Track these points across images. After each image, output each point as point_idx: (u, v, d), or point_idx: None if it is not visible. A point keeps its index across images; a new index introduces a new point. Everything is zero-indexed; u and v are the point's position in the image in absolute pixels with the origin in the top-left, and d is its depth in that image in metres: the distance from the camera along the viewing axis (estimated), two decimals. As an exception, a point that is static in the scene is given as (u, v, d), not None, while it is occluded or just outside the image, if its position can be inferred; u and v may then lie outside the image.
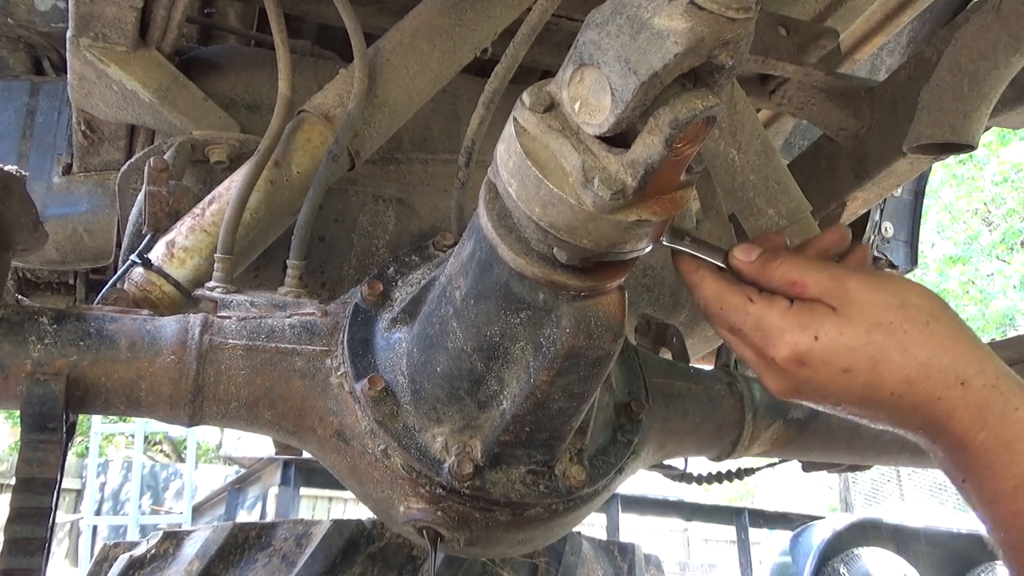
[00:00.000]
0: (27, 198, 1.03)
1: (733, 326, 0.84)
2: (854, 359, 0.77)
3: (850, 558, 6.46)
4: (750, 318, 0.82)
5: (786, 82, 1.77)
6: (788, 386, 0.83)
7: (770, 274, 0.83)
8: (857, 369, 0.77)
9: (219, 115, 1.51)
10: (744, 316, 0.82)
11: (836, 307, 0.78)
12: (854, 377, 0.77)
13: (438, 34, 1.49)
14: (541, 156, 0.75)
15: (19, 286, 2.44)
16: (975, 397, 0.75)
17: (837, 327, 0.77)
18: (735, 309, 0.83)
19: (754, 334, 0.82)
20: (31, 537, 0.99)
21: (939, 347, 0.76)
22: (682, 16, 0.65)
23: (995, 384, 0.75)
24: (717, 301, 0.85)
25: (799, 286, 0.81)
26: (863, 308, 0.77)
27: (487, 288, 0.89)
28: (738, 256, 0.85)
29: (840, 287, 0.79)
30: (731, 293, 0.84)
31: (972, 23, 1.60)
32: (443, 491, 1.00)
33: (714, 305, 0.85)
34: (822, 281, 0.80)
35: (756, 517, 9.20)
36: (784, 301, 0.81)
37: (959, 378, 0.75)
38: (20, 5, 1.89)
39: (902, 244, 2.48)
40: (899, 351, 0.76)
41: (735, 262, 0.85)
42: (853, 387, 0.78)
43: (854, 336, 0.77)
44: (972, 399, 0.75)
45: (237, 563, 1.76)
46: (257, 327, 1.08)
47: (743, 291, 0.84)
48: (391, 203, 1.69)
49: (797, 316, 0.79)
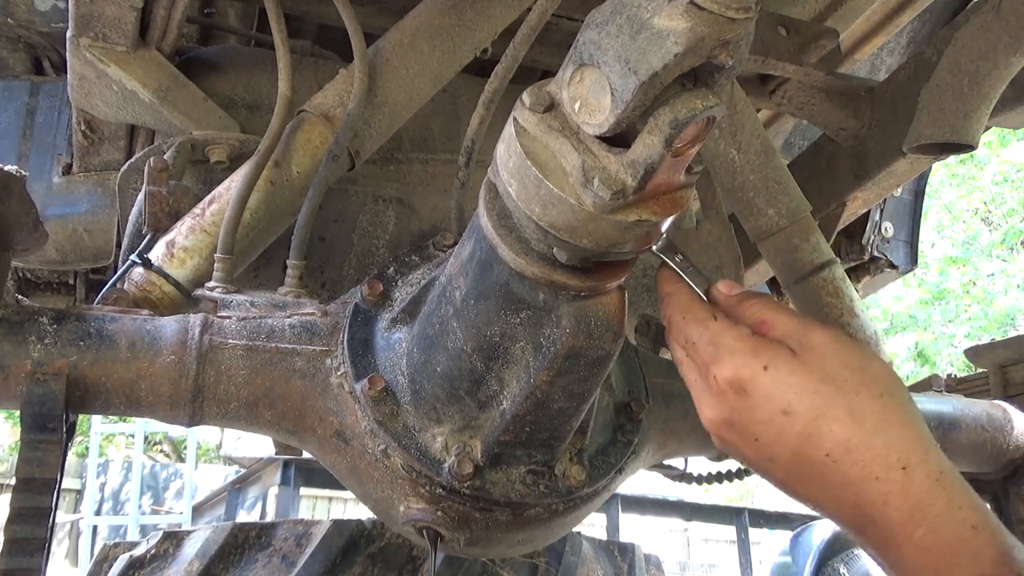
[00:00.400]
0: (27, 198, 1.03)
1: (689, 339, 0.82)
2: (798, 402, 0.73)
3: (850, 558, 6.45)
4: (707, 332, 0.80)
5: (786, 82, 1.77)
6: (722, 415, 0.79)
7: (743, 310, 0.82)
8: (797, 414, 0.73)
9: (219, 115, 1.51)
10: (703, 330, 0.81)
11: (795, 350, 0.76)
12: (792, 422, 0.73)
13: (438, 34, 1.49)
14: (541, 156, 0.75)
15: (19, 286, 2.44)
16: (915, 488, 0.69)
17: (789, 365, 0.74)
18: (697, 321, 0.82)
19: (705, 348, 0.79)
20: (31, 537, 0.99)
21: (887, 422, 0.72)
22: (682, 16, 0.65)
23: (938, 478, 0.70)
24: (683, 311, 0.84)
25: (766, 325, 0.79)
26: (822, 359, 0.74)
27: (487, 288, 0.89)
28: (720, 289, 0.86)
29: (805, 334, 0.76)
30: (699, 307, 0.84)
31: (972, 23, 1.60)
32: (443, 491, 1.00)
33: (678, 315, 0.84)
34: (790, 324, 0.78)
35: (756, 517, 9.19)
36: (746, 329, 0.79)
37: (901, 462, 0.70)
38: (20, 5, 1.89)
39: (902, 244, 2.48)
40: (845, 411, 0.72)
41: (714, 291, 0.86)
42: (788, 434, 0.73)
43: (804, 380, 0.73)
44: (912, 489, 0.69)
45: (237, 563, 1.76)
46: (257, 327, 1.08)
47: (710, 309, 0.83)
48: (391, 203, 1.69)
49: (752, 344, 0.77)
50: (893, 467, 0.69)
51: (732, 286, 0.85)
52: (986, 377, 1.94)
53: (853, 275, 2.46)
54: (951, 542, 0.67)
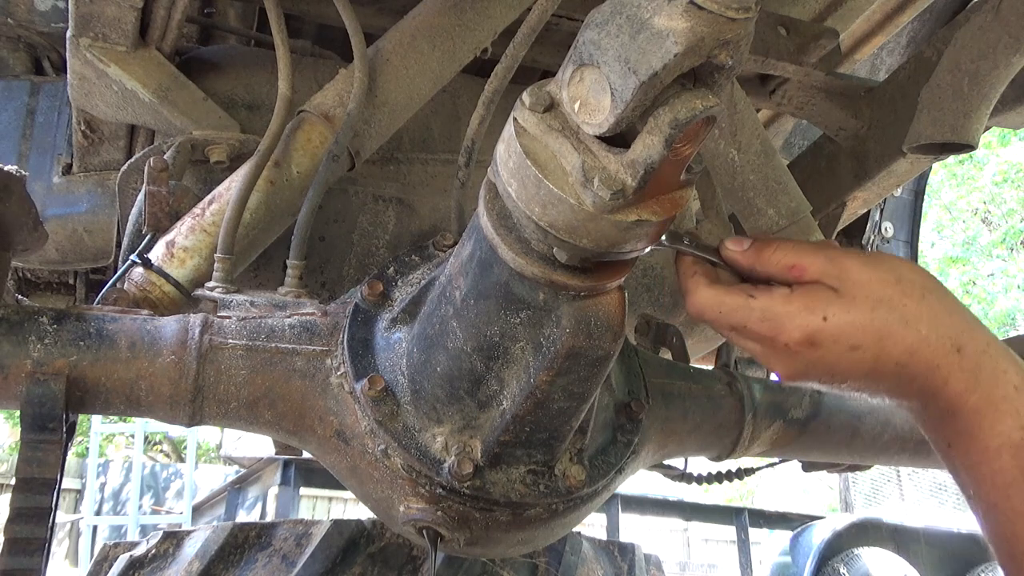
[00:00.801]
0: (27, 198, 1.03)
1: (735, 325, 0.85)
2: (862, 336, 0.80)
3: (850, 558, 6.46)
4: (754, 312, 0.83)
5: (786, 82, 1.77)
6: (798, 368, 0.84)
7: (766, 260, 0.85)
8: (865, 345, 0.80)
9: (219, 115, 1.51)
10: (748, 312, 0.84)
11: (837, 287, 0.81)
12: (863, 353, 0.80)
13: (438, 34, 1.49)
14: (541, 156, 0.75)
15: (19, 286, 2.44)
16: (968, 363, 0.79)
17: (843, 307, 0.80)
18: (736, 308, 0.85)
19: (761, 325, 0.83)
20: (31, 537, 0.99)
21: (935, 318, 0.80)
22: (682, 16, 0.65)
23: (985, 349, 0.79)
24: (715, 306, 0.86)
25: (797, 269, 0.83)
26: (863, 287, 0.80)
27: (487, 288, 0.89)
28: (730, 247, 0.87)
29: (838, 267, 0.81)
30: (728, 295, 0.85)
31: (972, 23, 1.60)
32: (443, 491, 1.00)
33: (712, 310, 0.87)
34: (819, 263, 0.82)
35: (756, 517, 9.19)
36: (784, 288, 0.83)
37: (955, 346, 0.79)
38: (20, 5, 1.89)
39: (902, 244, 2.48)
40: (901, 324, 0.80)
41: (728, 253, 0.88)
42: (862, 363, 0.81)
43: (860, 314, 0.80)
44: (966, 364, 0.79)
45: (237, 563, 1.76)
46: (257, 327, 1.08)
47: (741, 290, 0.85)
48: (391, 203, 1.69)
49: (802, 299, 0.81)
50: (949, 352, 0.79)
51: (740, 240, 0.87)
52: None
53: (853, 275, 2.45)
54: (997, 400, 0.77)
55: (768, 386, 1.41)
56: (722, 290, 0.86)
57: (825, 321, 0.80)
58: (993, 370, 0.79)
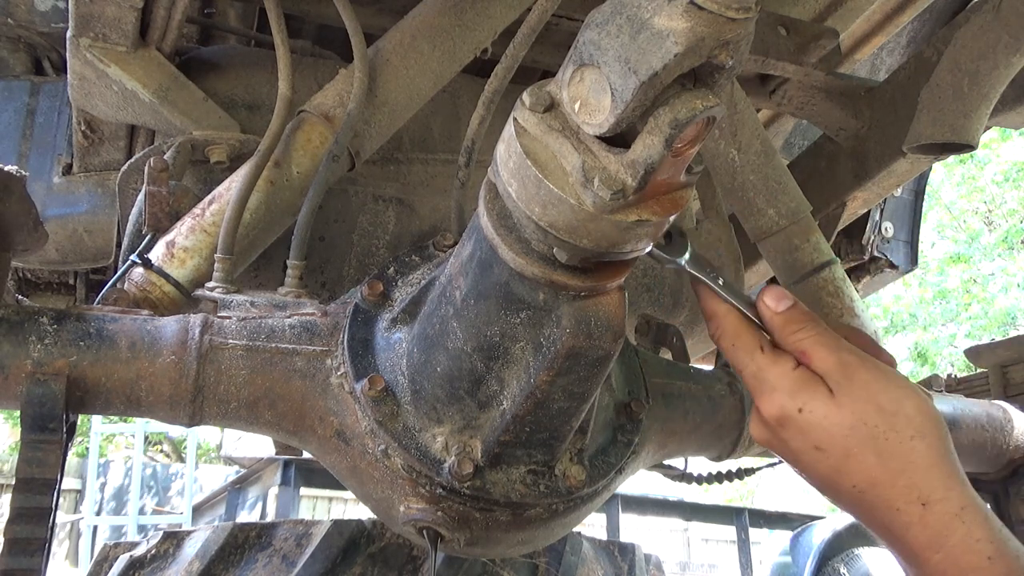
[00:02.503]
0: (27, 198, 1.03)
1: (736, 366, 0.88)
2: (829, 443, 0.81)
3: (850, 558, 6.45)
4: (752, 365, 0.86)
5: (786, 82, 1.77)
6: (766, 437, 0.87)
7: (786, 336, 0.86)
8: (829, 452, 0.81)
9: (219, 115, 1.51)
10: (748, 361, 0.86)
11: (834, 390, 0.81)
12: (824, 457, 0.81)
13: (438, 34, 1.49)
14: (541, 156, 0.75)
15: (19, 286, 2.44)
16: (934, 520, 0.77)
17: (824, 409, 0.81)
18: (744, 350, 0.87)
19: (750, 380, 0.86)
20: (31, 537, 0.99)
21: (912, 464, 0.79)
22: (682, 16, 0.65)
23: (958, 513, 0.77)
24: (732, 337, 0.88)
25: (806, 357, 0.84)
26: (857, 403, 0.80)
27: (487, 288, 0.89)
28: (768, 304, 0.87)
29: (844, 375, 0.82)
30: (745, 334, 0.87)
31: (972, 23, 1.60)
32: (443, 491, 1.00)
33: (727, 340, 0.88)
34: (829, 363, 0.83)
35: (756, 517, 9.18)
36: (790, 362, 0.85)
37: (921, 498, 0.78)
38: (20, 5, 1.89)
39: (902, 244, 2.48)
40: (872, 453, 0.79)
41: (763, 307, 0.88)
42: (820, 465, 0.82)
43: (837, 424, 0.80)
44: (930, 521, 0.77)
45: (237, 563, 1.76)
46: (257, 327, 1.07)
47: (757, 336, 0.87)
48: (391, 203, 1.69)
49: (792, 383, 0.83)
50: (912, 502, 0.77)
51: (780, 297, 0.87)
52: (986, 377, 1.94)
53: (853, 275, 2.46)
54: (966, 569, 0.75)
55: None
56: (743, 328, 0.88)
57: (800, 413, 0.81)
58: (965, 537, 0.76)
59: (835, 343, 0.84)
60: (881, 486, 0.79)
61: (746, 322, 0.88)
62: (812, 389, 0.82)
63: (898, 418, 0.80)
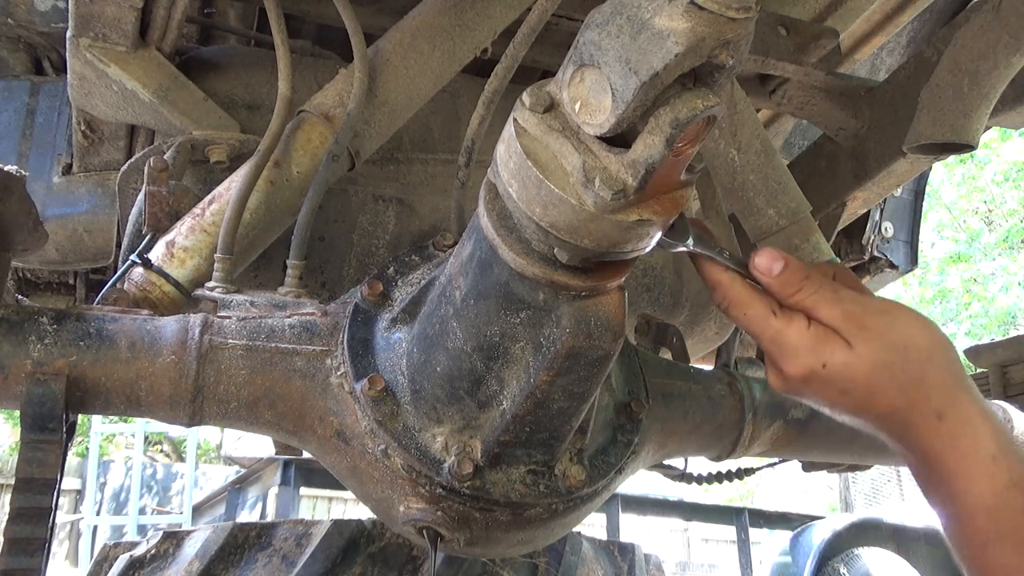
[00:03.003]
0: (27, 198, 1.03)
1: (750, 331, 0.91)
2: (853, 386, 0.88)
3: (850, 558, 6.45)
4: (769, 331, 0.89)
5: (786, 82, 1.77)
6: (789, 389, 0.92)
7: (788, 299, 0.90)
8: (853, 393, 0.88)
9: (219, 115, 1.51)
10: (764, 327, 0.90)
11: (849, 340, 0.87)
12: (848, 398, 0.89)
13: (438, 34, 1.49)
14: (541, 156, 0.75)
15: (19, 286, 2.44)
16: (947, 429, 0.86)
17: (844, 359, 0.87)
18: (757, 319, 0.90)
19: (771, 347, 0.90)
20: (31, 537, 0.99)
21: (926, 386, 0.87)
22: (682, 16, 0.65)
23: (968, 419, 0.86)
24: (741, 307, 0.91)
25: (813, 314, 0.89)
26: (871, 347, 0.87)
27: (487, 288, 0.89)
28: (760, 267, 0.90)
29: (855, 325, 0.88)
30: (755, 302, 0.90)
31: (972, 23, 1.60)
32: (443, 491, 1.00)
33: (738, 310, 0.91)
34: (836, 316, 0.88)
35: (756, 517, 9.18)
36: (803, 320, 0.89)
37: (936, 413, 0.86)
38: (20, 5, 1.89)
39: (902, 244, 2.48)
40: (893, 386, 0.87)
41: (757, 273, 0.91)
42: (845, 403, 0.89)
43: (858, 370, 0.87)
44: (944, 431, 0.86)
45: (237, 563, 1.76)
46: (257, 327, 1.07)
47: (767, 302, 0.90)
48: (391, 203, 1.69)
49: (812, 340, 0.88)
50: (930, 418, 0.86)
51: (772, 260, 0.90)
52: (986, 377, 1.95)
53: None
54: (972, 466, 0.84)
55: (768, 386, 1.40)
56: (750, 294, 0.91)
57: (824, 368, 0.87)
58: (973, 439, 0.85)
59: (834, 295, 0.89)
60: (902, 411, 0.87)
61: (752, 289, 0.91)
62: (831, 344, 0.87)
63: (909, 350, 0.87)
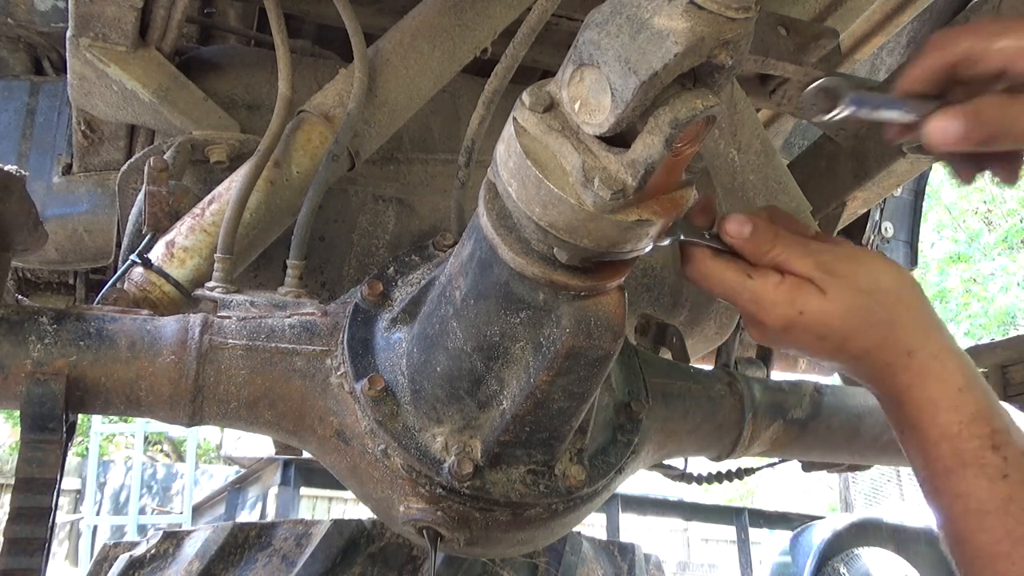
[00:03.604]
0: (27, 198, 1.03)
1: (728, 297, 0.97)
2: (830, 331, 0.93)
3: (850, 558, 6.45)
4: (746, 292, 0.94)
5: (786, 82, 1.77)
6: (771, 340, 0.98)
7: (761, 258, 0.95)
8: (830, 337, 0.93)
9: (219, 115, 1.51)
10: (741, 290, 0.94)
11: (823, 287, 0.93)
12: (826, 343, 0.94)
13: (438, 34, 1.49)
14: (541, 156, 0.75)
15: (19, 286, 2.44)
16: (917, 364, 0.91)
17: (818, 305, 0.92)
18: (734, 283, 0.95)
19: (749, 305, 0.95)
20: (31, 537, 0.99)
21: (896, 325, 0.93)
22: (682, 16, 0.65)
23: (936, 354, 0.92)
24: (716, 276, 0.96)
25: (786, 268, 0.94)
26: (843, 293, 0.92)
27: (487, 288, 0.89)
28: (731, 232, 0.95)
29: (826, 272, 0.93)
30: (728, 268, 0.95)
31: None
32: (443, 491, 1.00)
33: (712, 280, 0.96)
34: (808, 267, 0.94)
35: (756, 517, 9.18)
36: (776, 275, 0.94)
37: (907, 349, 0.92)
38: (20, 5, 1.89)
39: (902, 244, 2.48)
40: (866, 327, 0.93)
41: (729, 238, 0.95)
42: (823, 348, 0.95)
43: (832, 315, 0.92)
44: (914, 366, 0.92)
45: (237, 563, 1.76)
46: (257, 327, 1.07)
47: (740, 269, 0.95)
48: (391, 203, 1.69)
49: (787, 292, 0.93)
50: (901, 355, 0.92)
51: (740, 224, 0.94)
52: (986, 377, 1.94)
53: (853, 275, 2.45)
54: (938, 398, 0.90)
55: (768, 386, 1.40)
56: (724, 265, 0.95)
57: (801, 315, 0.93)
58: (940, 372, 0.91)
59: (804, 248, 0.94)
60: (875, 351, 0.93)
61: (723, 258, 0.95)
62: (805, 293, 0.93)
63: (879, 293, 0.93)
